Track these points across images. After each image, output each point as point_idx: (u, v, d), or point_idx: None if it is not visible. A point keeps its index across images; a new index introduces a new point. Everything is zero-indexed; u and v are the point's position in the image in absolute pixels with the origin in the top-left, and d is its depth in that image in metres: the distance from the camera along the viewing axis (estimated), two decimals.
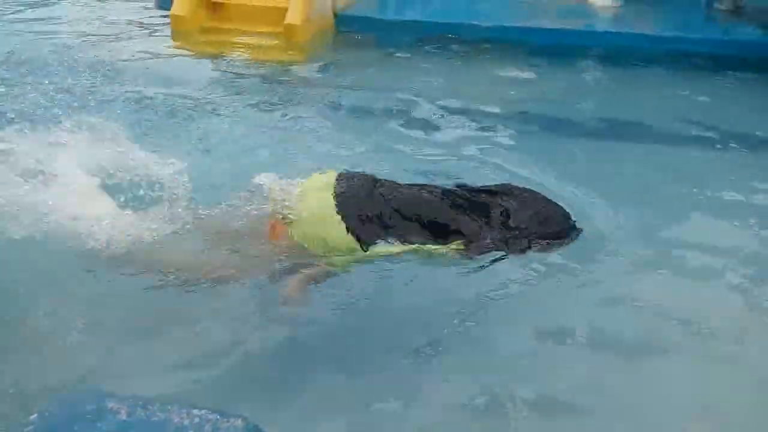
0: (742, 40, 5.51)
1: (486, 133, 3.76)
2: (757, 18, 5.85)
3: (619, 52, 5.44)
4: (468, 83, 4.67)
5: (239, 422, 0.96)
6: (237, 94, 4.20)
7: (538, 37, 5.69)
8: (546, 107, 4.41)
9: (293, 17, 5.40)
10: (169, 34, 5.65)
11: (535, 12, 6.39)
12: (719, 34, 5.70)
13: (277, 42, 5.44)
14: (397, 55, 5.47)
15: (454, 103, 4.22)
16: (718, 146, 3.76)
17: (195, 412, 0.94)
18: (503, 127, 3.88)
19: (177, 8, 5.63)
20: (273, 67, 4.89)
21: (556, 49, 5.53)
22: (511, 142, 3.70)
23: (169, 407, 0.95)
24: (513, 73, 5.07)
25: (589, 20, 6.15)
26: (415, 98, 4.27)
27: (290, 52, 5.25)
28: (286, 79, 4.64)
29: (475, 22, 5.95)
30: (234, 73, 4.66)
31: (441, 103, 4.21)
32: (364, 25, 6.06)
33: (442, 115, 4.04)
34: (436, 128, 3.85)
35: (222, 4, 5.96)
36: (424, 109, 4.11)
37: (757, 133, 3.92)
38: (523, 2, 6.79)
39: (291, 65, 5.01)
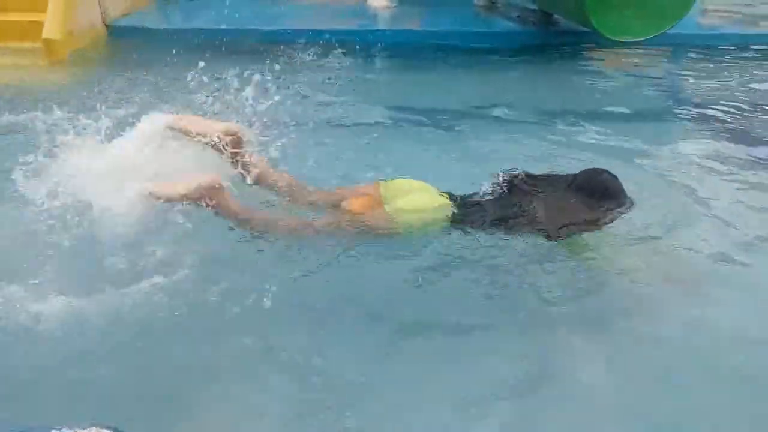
0: (496, 31, 6.23)
1: (286, 131, 3.77)
2: (507, 12, 6.68)
3: (396, 47, 5.82)
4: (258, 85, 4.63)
5: None
6: None
7: (321, 37, 5.89)
8: (337, 99, 4.52)
9: (51, 31, 4.95)
10: None
11: (319, 14, 6.63)
12: (478, 27, 6.38)
13: (35, 59, 4.95)
14: (176, 63, 5.28)
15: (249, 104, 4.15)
16: (491, 120, 4.17)
17: None
18: (299, 123, 3.90)
19: None
20: (28, 86, 4.43)
21: (339, 47, 5.76)
22: (309, 136, 3.73)
23: None
24: (302, 72, 5.17)
25: (368, 20, 6.52)
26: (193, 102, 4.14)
27: (50, 69, 4.80)
28: (43, 98, 4.21)
29: (258, 27, 5.98)
30: None
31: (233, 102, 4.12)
32: (141, 35, 5.76)
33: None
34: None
35: None
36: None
37: (524, 106, 4.39)
38: (308, 6, 6.99)
39: (49, 83, 4.57)
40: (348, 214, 2.24)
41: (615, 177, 2.35)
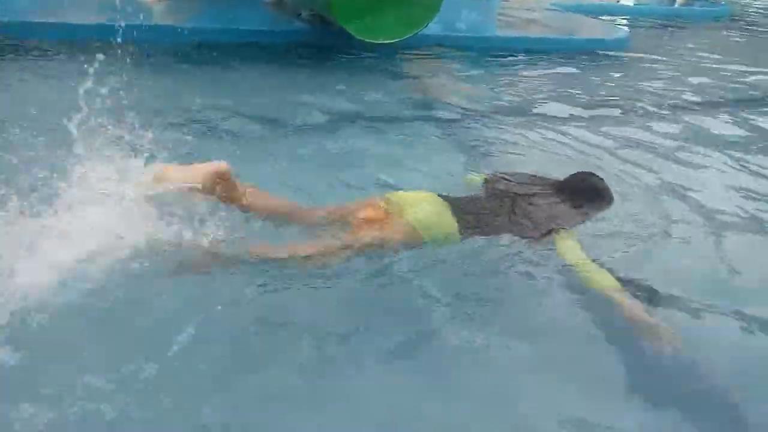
0: (286, 30, 5.84)
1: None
2: (295, 10, 6.26)
3: (155, 46, 4.97)
4: None
5: None
6: None
7: (61, 33, 4.87)
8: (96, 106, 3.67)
9: None
10: None
11: (75, 6, 5.54)
12: (265, 24, 5.89)
13: None
14: None
15: None
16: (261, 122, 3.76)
17: None
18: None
19: None
20: None
21: (85, 44, 4.75)
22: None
23: None
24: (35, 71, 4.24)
25: (132, 15, 5.58)
26: None
27: None
28: None
29: None
30: None
31: None
32: None
33: None
34: None
35: None
36: None
37: (316, 110, 4.07)
38: None
39: None
40: (364, 227, 2.15)
41: (602, 179, 2.51)
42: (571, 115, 4.44)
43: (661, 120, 4.40)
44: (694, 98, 5.06)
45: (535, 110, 4.49)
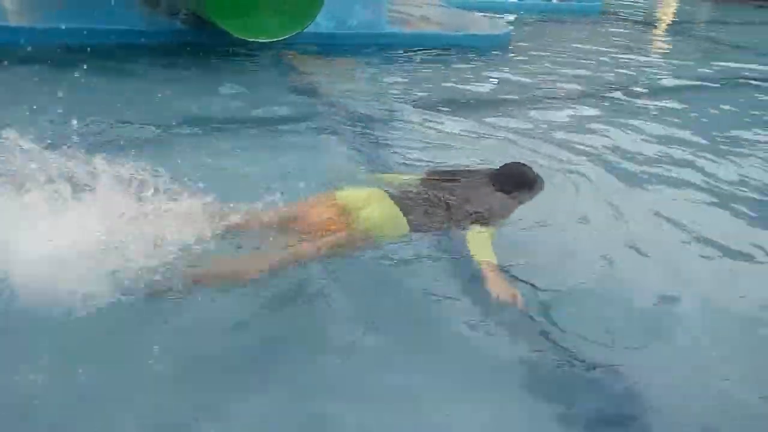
0: (164, 30, 5.44)
1: None
2: (170, 8, 5.84)
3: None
4: None
5: None
6: None
7: None
8: None
9: None
10: None
11: None
12: (140, 25, 5.43)
13: None
14: None
15: None
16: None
17: None
18: None
19: None
20: None
21: None
22: None
23: None
24: None
25: None
26: None
27: None
28: None
29: None
30: None
31: None
32: None
33: None
34: None
35: None
36: None
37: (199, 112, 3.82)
38: None
39: None
40: (318, 234, 2.20)
41: (531, 168, 2.70)
42: (469, 107, 4.50)
43: (548, 108, 4.60)
44: (576, 86, 5.31)
45: (431, 104, 4.47)
